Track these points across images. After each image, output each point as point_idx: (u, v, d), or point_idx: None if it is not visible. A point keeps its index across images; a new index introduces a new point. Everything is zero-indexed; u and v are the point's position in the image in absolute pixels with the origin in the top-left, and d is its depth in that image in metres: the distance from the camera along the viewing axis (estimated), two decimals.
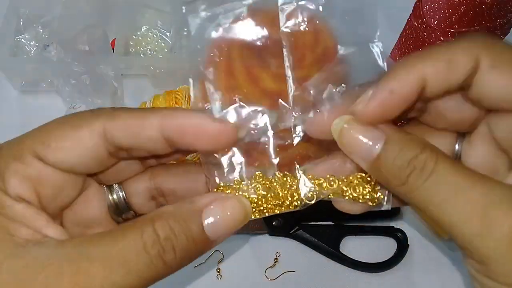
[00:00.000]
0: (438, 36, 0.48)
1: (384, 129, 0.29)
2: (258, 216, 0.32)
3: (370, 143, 0.29)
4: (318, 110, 0.32)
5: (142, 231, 0.27)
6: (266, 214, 0.32)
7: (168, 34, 0.68)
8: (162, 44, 0.68)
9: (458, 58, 0.28)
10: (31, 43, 0.67)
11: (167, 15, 0.69)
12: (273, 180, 0.32)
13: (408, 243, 0.56)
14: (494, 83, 0.28)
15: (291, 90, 0.33)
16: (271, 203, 0.32)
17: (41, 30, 0.68)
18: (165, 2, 0.69)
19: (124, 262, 0.26)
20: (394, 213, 0.58)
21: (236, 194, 0.31)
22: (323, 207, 0.34)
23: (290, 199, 0.32)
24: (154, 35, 0.69)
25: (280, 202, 0.32)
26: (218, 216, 0.29)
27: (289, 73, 0.33)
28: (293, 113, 0.33)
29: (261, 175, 0.32)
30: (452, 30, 0.47)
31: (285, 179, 0.32)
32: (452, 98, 0.31)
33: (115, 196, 0.36)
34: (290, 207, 0.32)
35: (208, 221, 0.28)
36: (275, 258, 0.57)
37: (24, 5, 0.68)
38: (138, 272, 0.26)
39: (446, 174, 0.27)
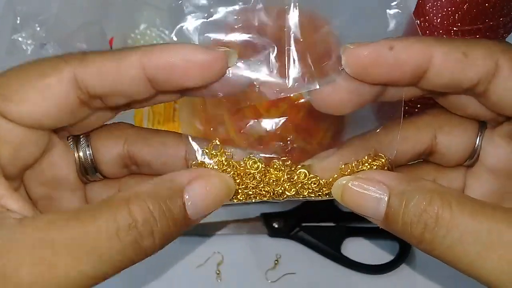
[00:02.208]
0: (441, 34, 0.48)
1: (387, 181, 0.27)
2: (243, 200, 0.31)
3: (374, 200, 0.27)
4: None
5: (116, 213, 0.24)
6: (253, 200, 0.31)
7: (166, 32, 0.68)
8: (161, 42, 0.67)
9: (476, 54, 0.25)
10: (28, 41, 0.66)
11: (166, 13, 0.68)
12: (269, 168, 0.31)
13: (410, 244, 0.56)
14: None
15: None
16: (263, 189, 0.30)
17: (38, 28, 0.67)
18: (164, 0, 0.68)
19: (94, 249, 0.23)
20: None
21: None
22: (324, 208, 0.33)
23: (283, 188, 0.31)
24: (153, 33, 0.68)
25: (271, 190, 0.31)
26: (200, 195, 0.27)
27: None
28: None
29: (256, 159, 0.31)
30: (455, 29, 0.47)
31: (283, 168, 0.31)
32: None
33: (81, 154, 0.32)
34: (280, 197, 0.31)
35: (189, 200, 0.26)
36: (276, 260, 0.56)
37: (20, 3, 0.67)
38: (111, 259, 0.24)
39: (469, 225, 0.24)
